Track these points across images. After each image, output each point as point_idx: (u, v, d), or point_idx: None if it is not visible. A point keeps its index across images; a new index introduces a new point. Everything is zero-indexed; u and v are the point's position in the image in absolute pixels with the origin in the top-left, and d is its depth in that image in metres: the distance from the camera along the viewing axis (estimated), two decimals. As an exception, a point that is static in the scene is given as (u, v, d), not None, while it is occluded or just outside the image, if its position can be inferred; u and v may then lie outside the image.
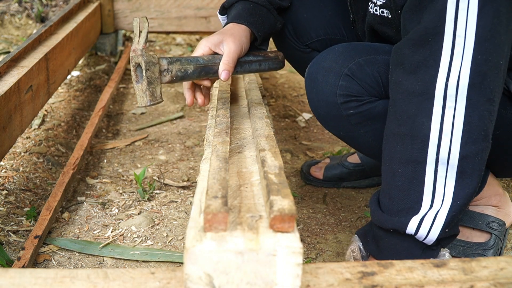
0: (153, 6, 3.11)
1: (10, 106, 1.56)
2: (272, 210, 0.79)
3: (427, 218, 1.08)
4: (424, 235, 1.09)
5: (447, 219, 1.07)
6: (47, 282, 0.78)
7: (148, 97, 1.18)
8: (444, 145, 1.03)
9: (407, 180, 1.08)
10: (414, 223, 1.09)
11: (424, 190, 1.07)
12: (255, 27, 1.37)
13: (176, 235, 1.57)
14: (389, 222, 1.11)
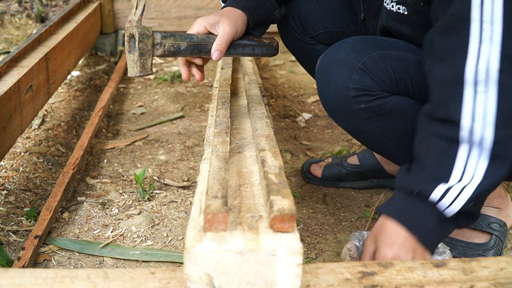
0: (153, 6, 3.11)
1: (10, 106, 1.56)
2: (272, 210, 0.79)
3: (454, 189, 1.06)
4: (446, 204, 1.07)
5: (473, 194, 1.06)
6: (47, 282, 0.78)
7: (138, 68, 1.20)
8: (476, 130, 1.03)
9: (440, 152, 1.07)
10: (440, 190, 1.07)
11: (455, 164, 1.06)
12: (248, 11, 1.38)
13: (176, 235, 1.57)
14: (415, 184, 1.09)
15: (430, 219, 1.08)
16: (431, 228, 1.08)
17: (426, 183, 1.08)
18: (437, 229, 1.09)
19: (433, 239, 1.09)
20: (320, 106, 2.49)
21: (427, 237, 1.08)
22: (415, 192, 1.09)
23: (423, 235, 1.08)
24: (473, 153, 1.04)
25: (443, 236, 1.10)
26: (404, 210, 1.10)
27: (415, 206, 1.09)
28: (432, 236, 1.08)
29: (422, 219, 1.08)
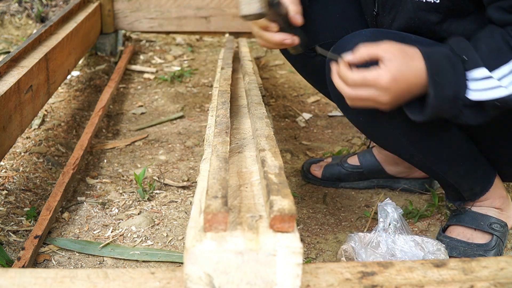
0: (153, 6, 3.11)
1: (10, 106, 1.56)
2: (272, 210, 0.79)
3: (493, 81, 1.10)
4: (477, 88, 1.10)
5: (504, 98, 1.09)
6: (47, 282, 0.78)
7: (260, 3, 1.11)
8: None
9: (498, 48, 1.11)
10: (482, 73, 1.10)
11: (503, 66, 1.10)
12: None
13: (176, 235, 1.57)
14: (467, 52, 1.12)
15: (452, 88, 1.10)
16: (445, 95, 1.10)
17: (476, 59, 1.10)
18: (446, 101, 1.11)
19: (436, 105, 1.10)
20: (320, 106, 2.49)
21: (435, 99, 1.10)
22: (461, 58, 1.11)
23: (435, 95, 1.09)
24: None
25: (442, 111, 1.12)
26: (439, 62, 1.11)
27: (451, 68, 1.11)
28: (439, 102, 1.10)
29: (446, 81, 1.10)
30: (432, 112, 1.12)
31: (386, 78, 1.10)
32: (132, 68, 2.86)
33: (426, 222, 1.64)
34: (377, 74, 1.10)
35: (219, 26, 3.17)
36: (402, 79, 1.10)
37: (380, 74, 1.10)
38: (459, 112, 1.12)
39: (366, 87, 1.12)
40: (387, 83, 1.10)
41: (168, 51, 3.11)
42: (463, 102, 1.11)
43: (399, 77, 1.10)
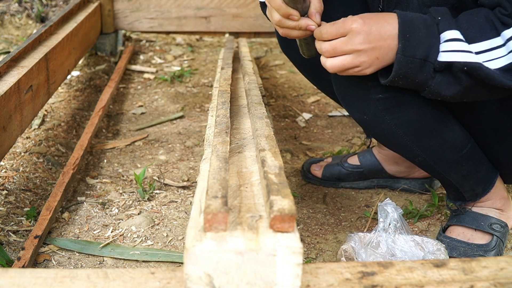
0: (153, 6, 3.11)
1: (10, 106, 1.56)
2: (272, 210, 0.79)
3: (465, 45, 1.07)
4: (448, 48, 1.07)
5: (474, 64, 1.06)
6: (47, 282, 0.78)
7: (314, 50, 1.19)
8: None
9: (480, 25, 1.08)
10: (454, 34, 1.07)
11: (483, 42, 1.07)
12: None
13: (176, 235, 1.57)
14: (441, 14, 1.10)
15: (423, 48, 1.07)
16: (415, 54, 1.07)
17: (450, 21, 1.08)
18: (416, 61, 1.08)
19: (404, 62, 1.08)
20: (320, 106, 2.49)
21: (404, 55, 1.07)
22: (436, 20, 1.09)
23: (403, 51, 1.07)
24: (501, 49, 1.06)
25: (411, 73, 1.09)
26: (413, 22, 1.09)
27: (425, 28, 1.08)
28: (407, 60, 1.07)
29: (416, 41, 1.07)
30: (400, 71, 1.09)
31: (358, 20, 1.08)
32: (132, 68, 2.86)
33: (426, 222, 1.64)
34: (349, 19, 1.10)
35: (219, 26, 3.17)
36: (374, 24, 1.08)
37: (352, 18, 1.10)
38: (430, 76, 1.09)
39: (341, 36, 1.10)
40: (359, 25, 1.08)
41: (168, 51, 3.11)
42: (434, 66, 1.08)
43: (371, 22, 1.08)
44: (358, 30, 1.08)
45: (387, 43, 1.09)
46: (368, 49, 1.09)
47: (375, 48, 1.09)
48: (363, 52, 1.09)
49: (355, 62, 1.11)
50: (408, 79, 1.11)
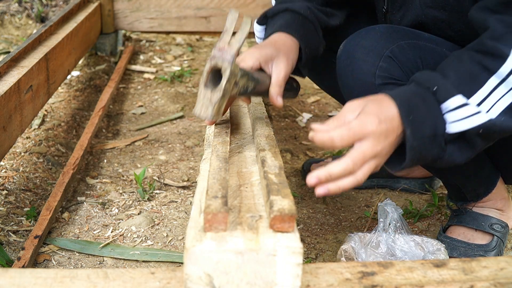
0: (153, 6, 3.11)
1: (10, 106, 1.56)
2: (272, 210, 0.79)
3: (470, 108, 0.99)
4: (456, 118, 0.99)
5: (486, 124, 0.99)
6: (47, 282, 0.78)
7: (212, 111, 1.01)
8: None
9: (469, 74, 1.01)
10: (457, 101, 0.99)
11: (479, 90, 1.00)
12: (304, 42, 1.26)
13: (176, 235, 1.57)
14: (437, 82, 1.01)
15: (429, 124, 0.99)
16: (424, 134, 0.98)
17: (448, 87, 1.00)
18: (426, 140, 0.99)
19: (417, 146, 0.99)
20: (320, 106, 2.49)
21: (414, 140, 0.98)
22: (432, 90, 1.00)
23: (412, 136, 0.98)
24: (501, 88, 0.99)
25: (423, 153, 1.00)
26: (410, 100, 1.00)
27: (423, 103, 1.00)
28: (418, 142, 0.98)
29: (421, 119, 0.98)
30: (413, 156, 1.00)
31: (372, 121, 0.96)
32: (132, 68, 2.86)
33: (426, 222, 1.64)
34: (360, 122, 0.96)
35: (219, 26, 3.17)
36: (384, 118, 0.97)
37: (363, 120, 0.96)
38: (442, 150, 1.01)
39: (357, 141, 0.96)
40: (375, 126, 0.96)
41: (168, 51, 3.11)
42: (444, 138, 1.00)
43: (381, 116, 0.97)
44: (379, 131, 0.96)
45: (394, 127, 0.98)
46: (388, 144, 0.98)
47: (391, 143, 0.99)
48: (383, 151, 0.98)
49: (378, 163, 0.99)
50: (421, 160, 1.02)
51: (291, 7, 1.30)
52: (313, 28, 1.31)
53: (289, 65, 1.20)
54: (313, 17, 1.31)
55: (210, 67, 1.01)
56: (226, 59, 0.99)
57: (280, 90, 1.17)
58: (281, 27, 1.26)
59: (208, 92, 1.01)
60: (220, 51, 1.00)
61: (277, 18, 1.31)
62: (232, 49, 0.99)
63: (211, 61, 1.00)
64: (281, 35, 1.25)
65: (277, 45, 1.21)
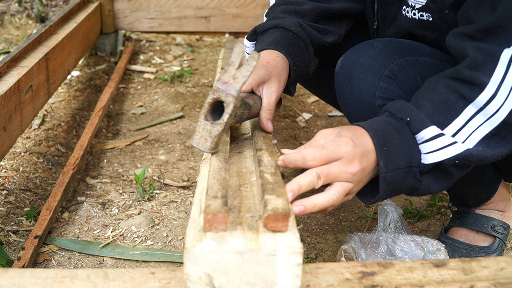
0: (153, 6, 3.11)
1: (10, 106, 1.56)
2: (266, 209, 0.79)
3: (446, 138, 0.97)
4: (430, 148, 0.97)
5: (461, 155, 0.96)
6: (47, 282, 0.78)
7: (211, 144, 0.98)
8: (496, 102, 0.96)
9: (445, 101, 0.98)
10: (431, 131, 0.97)
11: (455, 119, 0.97)
12: (293, 59, 1.23)
13: (176, 235, 1.57)
14: (409, 113, 0.98)
15: (403, 156, 0.96)
16: (398, 165, 0.96)
17: (420, 118, 0.98)
18: (400, 171, 0.96)
19: (390, 178, 0.96)
20: (320, 106, 2.49)
21: (388, 172, 0.95)
22: (405, 121, 0.98)
23: (386, 167, 0.95)
24: (478, 117, 0.97)
25: (398, 185, 0.97)
26: (384, 131, 0.97)
27: (397, 134, 0.97)
28: (392, 174, 0.96)
29: (394, 151, 0.96)
30: (387, 187, 0.97)
31: (349, 143, 0.94)
32: (132, 68, 2.86)
33: (426, 222, 1.64)
34: (335, 142, 0.94)
35: (219, 26, 3.17)
36: (359, 143, 0.95)
37: (338, 141, 0.94)
38: (417, 181, 0.99)
39: (331, 162, 0.93)
40: (351, 148, 0.93)
41: (168, 51, 3.11)
42: (420, 169, 0.98)
43: (356, 142, 0.95)
44: (353, 155, 0.93)
45: (371, 161, 0.96)
46: (361, 172, 0.95)
47: (364, 170, 0.96)
48: (357, 177, 0.94)
49: (349, 189, 0.95)
50: (396, 191, 0.99)
51: (281, 24, 1.27)
52: (304, 45, 1.27)
53: (281, 88, 1.18)
54: (304, 34, 1.28)
55: (213, 99, 0.97)
56: (230, 93, 0.96)
57: (270, 115, 1.14)
58: (270, 44, 1.23)
59: (208, 125, 0.98)
60: (224, 85, 0.96)
61: (267, 35, 1.28)
62: (237, 83, 0.96)
63: (214, 94, 0.96)
64: (271, 52, 1.21)
65: (269, 67, 1.17)
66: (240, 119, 1.06)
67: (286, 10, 1.33)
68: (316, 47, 1.32)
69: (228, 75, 0.96)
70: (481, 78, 0.96)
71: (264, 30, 1.29)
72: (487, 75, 0.96)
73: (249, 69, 0.96)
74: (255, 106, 1.12)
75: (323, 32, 1.34)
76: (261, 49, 1.23)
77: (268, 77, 1.15)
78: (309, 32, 1.29)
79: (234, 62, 0.97)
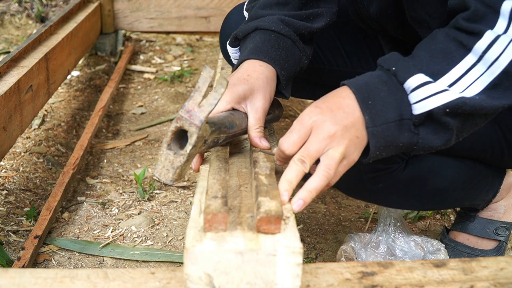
0: (153, 6, 3.11)
1: (10, 106, 1.56)
2: (259, 212, 0.78)
3: (436, 85, 0.89)
4: (419, 97, 0.89)
5: (456, 102, 0.89)
6: (47, 282, 0.78)
7: (174, 176, 0.92)
8: (495, 49, 0.89)
9: (442, 50, 0.92)
10: (419, 79, 0.90)
11: (453, 68, 0.91)
12: (279, 65, 1.14)
13: (176, 235, 1.57)
14: (396, 63, 0.91)
15: (392, 108, 0.89)
16: (387, 119, 0.89)
17: (408, 67, 0.91)
18: (391, 125, 0.89)
19: (379, 132, 0.89)
20: (320, 106, 2.49)
21: (375, 126, 0.89)
22: (391, 71, 0.91)
23: (372, 122, 0.89)
24: (478, 67, 0.90)
25: (391, 139, 0.90)
26: (368, 85, 0.91)
27: (384, 86, 0.90)
28: (381, 128, 0.89)
29: (382, 104, 0.89)
30: (378, 143, 0.90)
31: (314, 110, 0.89)
32: (132, 68, 2.86)
33: (426, 222, 1.64)
34: (304, 116, 0.89)
35: (219, 26, 3.16)
36: (332, 104, 0.90)
37: (306, 112, 0.89)
38: (413, 134, 0.91)
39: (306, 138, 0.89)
40: (318, 114, 0.88)
41: (168, 51, 3.11)
42: (412, 121, 0.90)
43: (327, 105, 0.89)
44: (321, 119, 0.88)
45: (356, 117, 0.90)
46: (342, 131, 0.88)
47: (348, 128, 0.89)
48: (338, 137, 0.88)
49: (338, 153, 0.89)
50: (391, 147, 0.92)
51: (261, 25, 1.17)
52: (291, 42, 1.18)
53: (267, 101, 1.09)
54: (288, 30, 1.17)
55: (176, 128, 0.90)
56: (194, 123, 0.89)
57: (260, 132, 1.07)
58: (251, 52, 1.14)
59: (170, 155, 0.92)
60: (188, 113, 0.89)
61: (248, 40, 1.18)
62: (202, 112, 0.89)
63: (177, 122, 0.90)
64: (253, 63, 1.12)
65: (251, 80, 1.08)
66: (215, 143, 1.00)
67: (265, 3, 1.24)
68: (307, 37, 1.22)
69: (193, 102, 0.89)
70: (481, 28, 0.90)
71: (244, 35, 1.20)
72: (488, 26, 0.90)
73: (216, 96, 0.88)
74: (239, 125, 1.05)
75: (311, 18, 1.24)
76: (242, 60, 1.14)
77: (249, 92, 1.08)
78: (294, 25, 1.19)
79: (201, 88, 0.89)
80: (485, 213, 1.43)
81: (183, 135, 0.92)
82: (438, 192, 1.27)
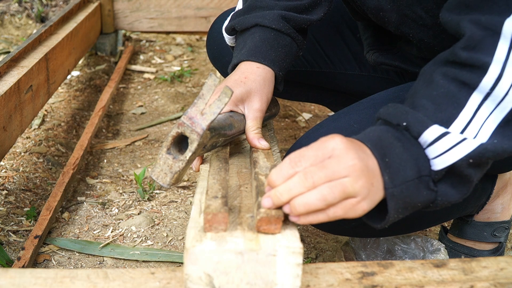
0: (153, 6, 3.11)
1: (10, 106, 1.56)
2: (259, 212, 0.79)
3: (453, 136, 0.82)
4: (438, 151, 0.82)
5: (475, 151, 0.81)
6: (47, 282, 0.78)
7: (171, 180, 0.92)
8: (504, 82, 0.82)
9: (445, 94, 0.84)
10: (435, 131, 0.82)
11: (461, 112, 0.83)
12: (278, 66, 1.14)
13: (176, 235, 1.57)
14: (405, 117, 0.84)
15: (410, 166, 0.81)
16: (406, 178, 0.81)
17: (419, 118, 0.83)
18: (410, 184, 0.81)
19: (398, 194, 0.81)
20: (320, 106, 2.49)
21: (395, 186, 0.81)
22: (402, 126, 0.84)
23: (392, 182, 0.81)
24: (486, 105, 0.83)
25: (410, 200, 0.82)
26: (382, 141, 0.83)
27: (397, 143, 0.83)
28: (400, 188, 0.81)
29: (399, 162, 0.81)
30: (397, 205, 0.82)
31: (337, 137, 0.79)
32: (132, 68, 2.86)
33: (426, 222, 1.64)
34: (328, 140, 0.80)
35: (219, 26, 3.17)
36: (352, 142, 0.81)
37: (330, 138, 0.80)
38: (431, 192, 0.83)
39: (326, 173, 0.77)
40: (342, 143, 0.79)
41: (168, 51, 3.11)
42: (432, 178, 0.83)
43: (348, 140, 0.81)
44: (345, 147, 0.79)
45: (371, 165, 0.81)
46: (363, 167, 0.78)
47: (367, 169, 0.79)
48: (359, 172, 0.78)
49: (352, 185, 0.77)
50: (409, 208, 0.84)
51: (261, 21, 1.15)
52: (290, 39, 1.17)
53: (264, 102, 1.10)
54: (289, 28, 1.16)
55: (177, 133, 0.90)
56: (195, 131, 0.89)
57: (258, 133, 1.06)
58: (249, 54, 1.13)
59: (169, 159, 0.91)
60: (190, 120, 0.89)
61: (247, 36, 1.17)
62: (204, 120, 0.88)
63: (178, 128, 0.90)
64: (251, 65, 1.12)
65: (248, 82, 1.09)
66: (213, 147, 1.01)
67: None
68: (306, 29, 1.22)
69: (196, 109, 0.89)
70: (482, 59, 0.82)
71: (243, 29, 1.18)
72: (488, 53, 0.82)
73: (220, 105, 0.88)
74: (237, 126, 1.07)
75: (310, 9, 1.22)
76: (240, 60, 1.14)
77: (247, 95, 1.08)
78: (295, 20, 1.17)
79: (205, 95, 0.89)
80: (482, 216, 1.41)
81: (182, 139, 0.92)
82: (425, 214, 1.16)
